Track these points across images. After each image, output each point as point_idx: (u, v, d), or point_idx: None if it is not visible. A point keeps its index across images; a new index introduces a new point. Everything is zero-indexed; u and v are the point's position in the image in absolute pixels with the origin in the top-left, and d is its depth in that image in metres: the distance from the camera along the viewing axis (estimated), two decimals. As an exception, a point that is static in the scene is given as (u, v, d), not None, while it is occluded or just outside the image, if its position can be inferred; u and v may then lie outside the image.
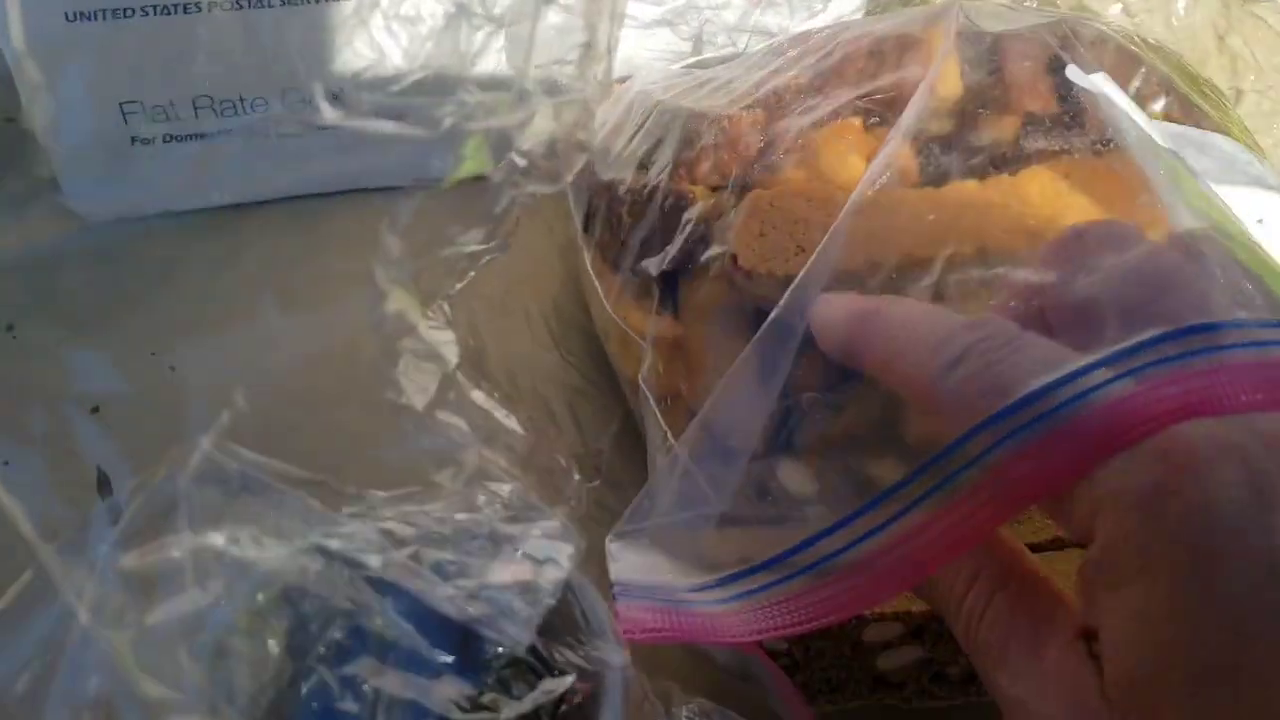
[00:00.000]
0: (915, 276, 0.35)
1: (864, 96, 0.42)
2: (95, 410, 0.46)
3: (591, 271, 0.47)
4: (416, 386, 0.27)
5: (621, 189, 0.45)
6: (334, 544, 0.26)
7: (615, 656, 0.29)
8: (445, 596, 0.26)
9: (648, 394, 0.40)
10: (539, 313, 0.52)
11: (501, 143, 0.30)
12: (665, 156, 0.44)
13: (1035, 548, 0.38)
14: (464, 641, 0.28)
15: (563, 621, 0.29)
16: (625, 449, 0.47)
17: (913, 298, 0.34)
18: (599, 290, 0.46)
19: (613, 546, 0.35)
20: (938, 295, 0.34)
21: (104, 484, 0.44)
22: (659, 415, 0.39)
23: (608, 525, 0.36)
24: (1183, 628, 0.24)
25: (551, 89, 0.33)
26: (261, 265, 0.52)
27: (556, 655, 0.28)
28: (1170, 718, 0.24)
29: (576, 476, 0.34)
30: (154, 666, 0.24)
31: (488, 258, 0.33)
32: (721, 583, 0.32)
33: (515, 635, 0.26)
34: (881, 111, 0.42)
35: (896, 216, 0.37)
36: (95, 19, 0.49)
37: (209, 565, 0.25)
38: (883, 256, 0.36)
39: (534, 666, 0.28)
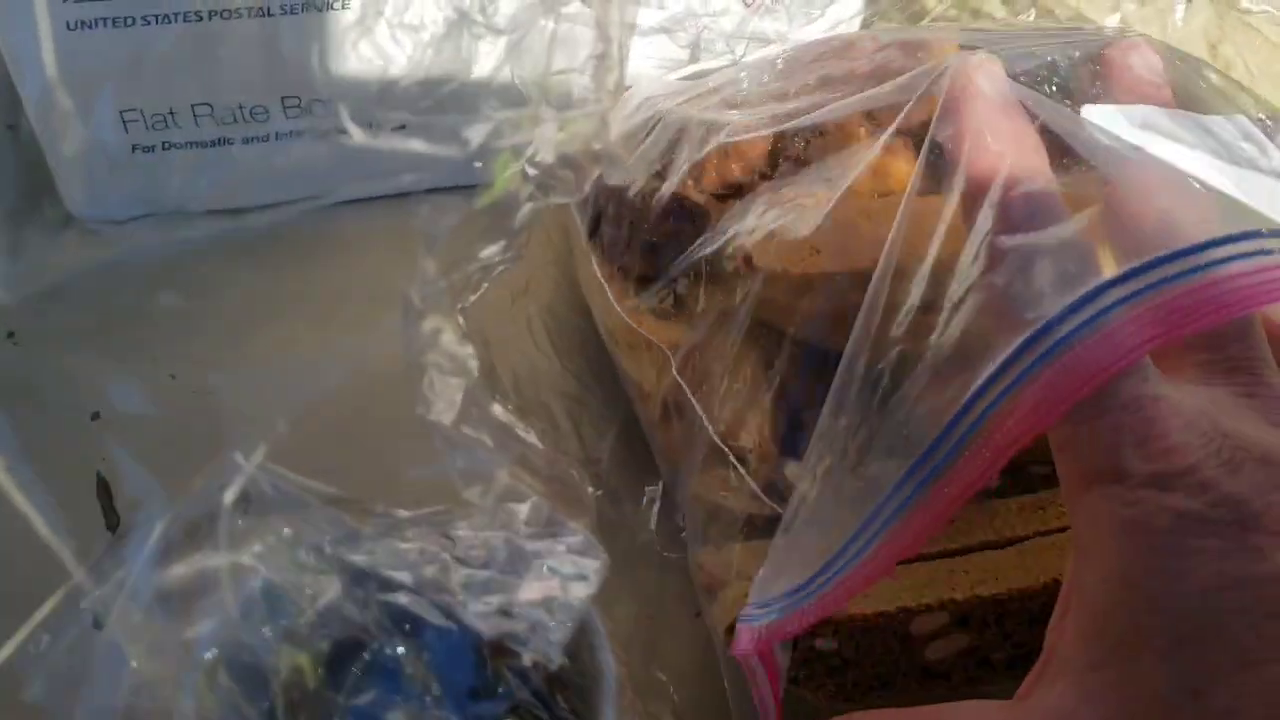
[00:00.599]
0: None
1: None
2: (95, 417, 0.46)
3: (600, 276, 0.47)
4: (444, 401, 0.27)
5: (630, 193, 0.45)
6: (364, 561, 0.26)
7: (611, 698, 0.29)
8: (476, 613, 0.26)
9: (684, 386, 0.41)
10: (540, 322, 0.52)
11: (532, 160, 0.30)
12: (674, 163, 0.45)
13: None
14: (481, 678, 0.28)
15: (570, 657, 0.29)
16: (621, 458, 0.47)
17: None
18: (608, 294, 0.46)
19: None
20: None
21: (103, 490, 0.43)
22: (695, 404, 0.40)
23: (609, 537, 0.36)
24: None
25: (566, 101, 0.33)
26: (288, 281, 0.51)
27: (560, 701, 0.29)
28: (1149, 659, 0.27)
29: (590, 489, 0.34)
30: (188, 683, 0.24)
31: (501, 268, 0.33)
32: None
33: (546, 652, 0.26)
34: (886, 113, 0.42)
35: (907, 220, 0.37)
36: (95, 27, 0.49)
37: (242, 583, 0.25)
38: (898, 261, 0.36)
39: (538, 713, 0.28)
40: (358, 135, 0.30)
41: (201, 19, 0.50)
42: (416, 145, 0.30)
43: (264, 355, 0.42)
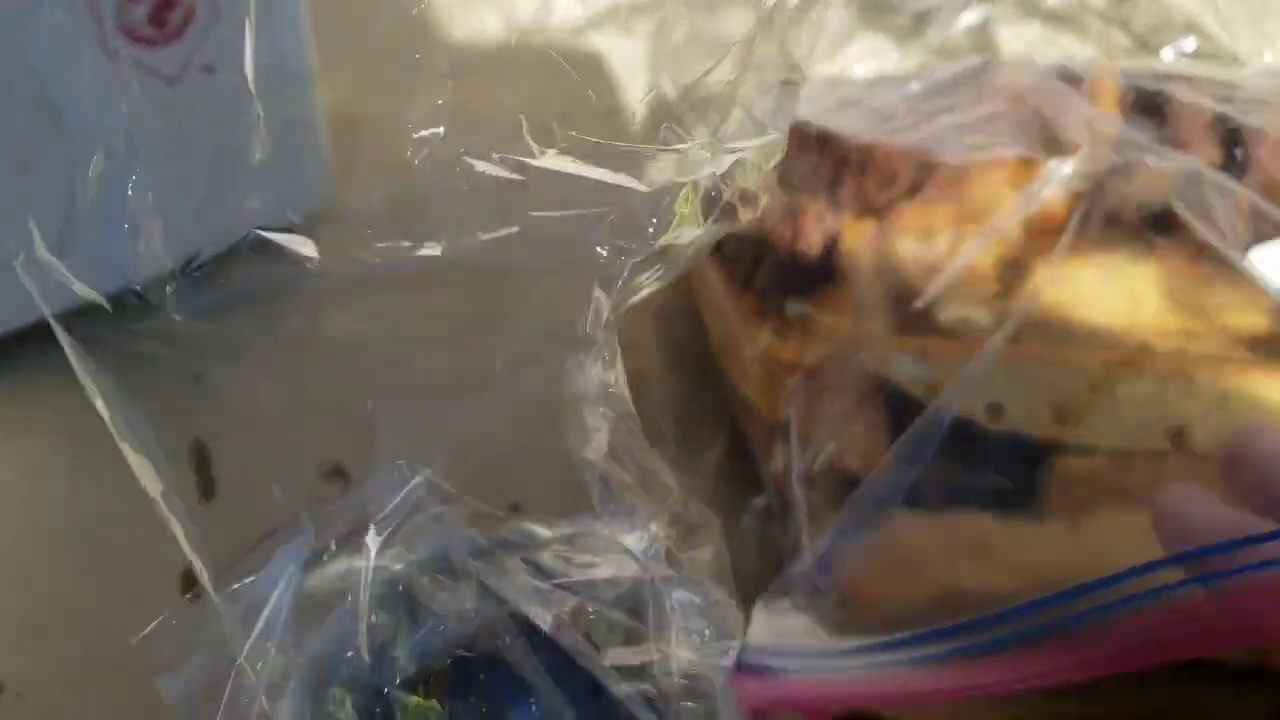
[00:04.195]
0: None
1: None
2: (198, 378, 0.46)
3: (718, 287, 0.45)
4: (597, 437, 0.27)
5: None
6: (505, 593, 0.25)
7: None
8: (612, 664, 0.25)
9: (792, 418, 0.39)
10: (651, 332, 0.51)
11: (710, 195, 0.29)
12: (809, 180, 0.43)
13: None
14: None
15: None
16: (725, 468, 0.46)
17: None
18: (725, 307, 0.44)
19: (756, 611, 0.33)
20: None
21: (199, 455, 0.43)
22: (795, 442, 0.39)
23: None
24: None
25: (743, 132, 0.32)
26: (458, 311, 0.50)
27: None
28: None
29: (717, 520, 0.33)
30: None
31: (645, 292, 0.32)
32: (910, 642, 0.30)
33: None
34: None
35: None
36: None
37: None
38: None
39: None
40: (536, 154, 0.30)
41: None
42: (597, 174, 0.29)
43: (425, 385, 0.41)
